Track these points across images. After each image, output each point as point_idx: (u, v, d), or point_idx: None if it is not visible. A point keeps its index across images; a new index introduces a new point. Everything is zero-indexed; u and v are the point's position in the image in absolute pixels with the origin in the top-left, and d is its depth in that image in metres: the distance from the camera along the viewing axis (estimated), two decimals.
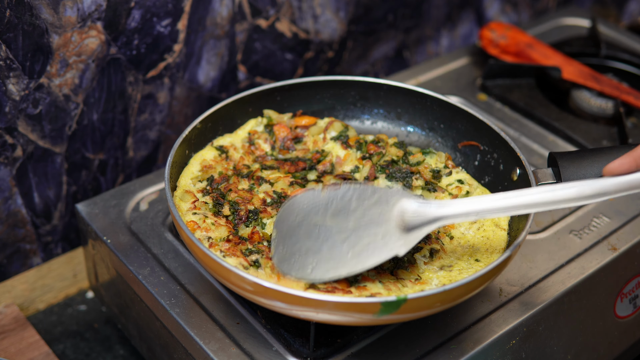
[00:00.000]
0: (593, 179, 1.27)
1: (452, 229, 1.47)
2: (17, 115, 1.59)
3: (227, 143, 1.62)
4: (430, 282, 1.37)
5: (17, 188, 1.67)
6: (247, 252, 1.38)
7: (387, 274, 1.37)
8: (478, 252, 1.42)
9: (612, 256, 1.59)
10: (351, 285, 1.32)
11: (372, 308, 1.21)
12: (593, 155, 1.41)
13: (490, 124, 1.55)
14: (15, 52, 1.53)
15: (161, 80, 1.79)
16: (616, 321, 1.64)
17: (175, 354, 1.50)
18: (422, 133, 1.68)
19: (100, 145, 1.76)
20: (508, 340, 1.45)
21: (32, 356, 1.62)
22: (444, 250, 1.43)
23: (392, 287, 1.32)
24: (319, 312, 1.23)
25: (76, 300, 1.85)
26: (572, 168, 1.41)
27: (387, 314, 1.22)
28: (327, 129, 1.64)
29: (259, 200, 1.50)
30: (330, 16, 2.02)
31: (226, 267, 1.26)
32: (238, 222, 1.45)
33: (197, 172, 1.55)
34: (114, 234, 1.61)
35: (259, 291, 1.25)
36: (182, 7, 1.73)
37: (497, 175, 1.54)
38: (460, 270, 1.39)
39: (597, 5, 2.75)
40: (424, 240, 1.42)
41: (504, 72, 2.06)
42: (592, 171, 1.39)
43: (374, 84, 1.68)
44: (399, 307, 1.21)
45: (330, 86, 1.69)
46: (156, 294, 1.49)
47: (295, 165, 1.59)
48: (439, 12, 2.27)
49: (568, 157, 1.42)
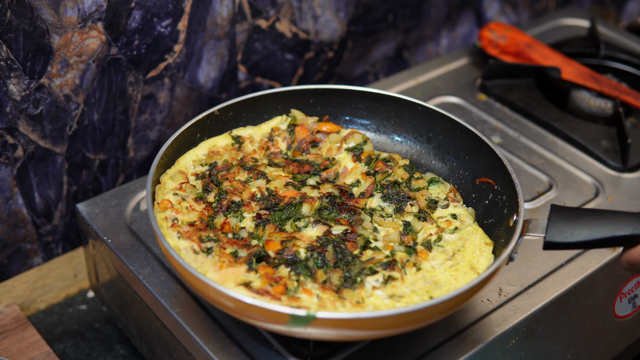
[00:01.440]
0: None
1: (424, 261, 1.40)
2: (17, 115, 1.60)
3: (246, 134, 1.62)
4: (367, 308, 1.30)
5: (17, 188, 1.68)
6: (205, 239, 1.38)
7: (331, 290, 1.32)
8: (438, 290, 1.34)
9: (611, 256, 1.59)
10: (287, 293, 1.30)
11: (282, 318, 1.21)
12: (589, 217, 1.31)
13: (505, 163, 1.46)
14: (16, 53, 1.53)
15: (161, 80, 1.79)
16: (615, 321, 1.64)
17: (175, 353, 1.50)
18: (447, 161, 1.62)
19: (101, 145, 1.77)
20: (508, 340, 1.45)
21: (32, 356, 1.62)
22: (403, 280, 1.36)
23: (327, 304, 1.28)
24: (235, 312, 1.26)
25: (77, 300, 1.85)
26: (561, 225, 1.31)
27: (297, 327, 1.21)
28: (346, 139, 1.62)
29: (249, 194, 1.51)
30: (330, 16, 2.02)
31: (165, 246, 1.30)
32: (218, 210, 1.46)
33: (202, 155, 1.56)
34: (115, 233, 1.61)
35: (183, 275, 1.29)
36: (183, 7, 1.73)
37: (500, 219, 1.46)
38: (407, 304, 1.30)
39: (597, 6, 2.75)
40: (385, 266, 1.37)
41: (504, 72, 2.06)
42: (582, 233, 1.30)
43: (410, 103, 1.63)
44: (308, 323, 1.21)
45: (367, 98, 1.66)
46: (156, 294, 1.49)
47: (300, 167, 1.59)
48: (438, 13, 2.27)
49: (563, 213, 1.33)
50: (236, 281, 1.30)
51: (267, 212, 1.47)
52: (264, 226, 1.44)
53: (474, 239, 1.44)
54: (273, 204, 1.49)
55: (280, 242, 1.40)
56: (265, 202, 1.50)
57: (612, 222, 1.29)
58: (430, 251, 1.42)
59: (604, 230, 1.29)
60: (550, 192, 1.75)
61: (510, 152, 1.86)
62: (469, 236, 1.44)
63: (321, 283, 1.34)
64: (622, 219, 1.29)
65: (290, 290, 1.31)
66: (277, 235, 1.42)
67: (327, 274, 1.35)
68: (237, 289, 1.28)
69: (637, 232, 1.27)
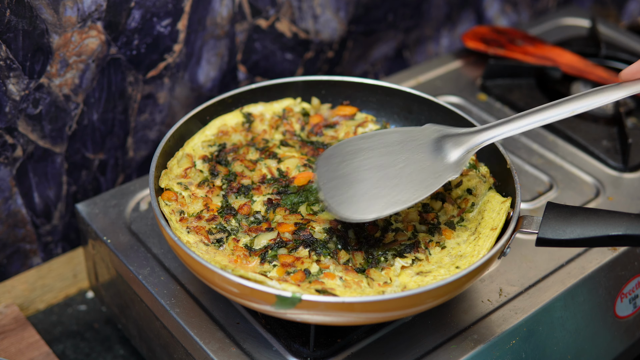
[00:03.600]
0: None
1: (448, 239, 1.42)
2: (17, 115, 1.59)
3: (256, 112, 1.61)
4: (393, 285, 1.32)
5: (17, 188, 1.67)
6: (213, 230, 1.39)
7: (354, 272, 1.33)
8: (463, 259, 1.36)
9: (612, 256, 1.59)
10: (307, 278, 1.31)
11: (269, 298, 1.23)
12: (582, 215, 1.32)
13: (508, 162, 1.47)
14: (16, 52, 1.53)
15: (161, 80, 1.79)
16: (616, 321, 1.64)
17: (175, 354, 1.50)
18: None
19: (101, 145, 1.76)
20: (508, 340, 1.45)
21: (32, 356, 1.62)
22: (428, 260, 1.38)
23: (352, 285, 1.29)
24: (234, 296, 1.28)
25: (76, 300, 1.85)
26: (554, 223, 1.32)
27: (284, 308, 1.23)
28: (362, 125, 1.63)
29: (259, 175, 1.50)
30: (330, 16, 2.02)
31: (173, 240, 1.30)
32: (229, 191, 1.46)
33: (211, 135, 1.55)
34: (114, 234, 1.61)
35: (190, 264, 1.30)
36: (182, 7, 1.73)
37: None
38: (435, 277, 1.33)
39: (597, 5, 2.75)
40: (409, 248, 1.39)
41: (504, 72, 2.06)
42: (574, 231, 1.30)
43: (418, 98, 1.64)
44: (294, 305, 1.22)
45: (377, 91, 1.67)
46: (156, 294, 1.49)
47: (315, 151, 1.58)
48: (439, 12, 2.27)
49: (558, 210, 1.33)
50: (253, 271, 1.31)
51: (278, 197, 1.47)
52: (274, 210, 1.44)
53: (490, 206, 1.45)
54: (283, 186, 1.49)
55: (294, 223, 1.41)
56: (275, 185, 1.49)
57: (606, 222, 1.29)
58: (454, 230, 1.44)
59: (596, 229, 1.29)
60: (550, 192, 1.74)
61: (511, 152, 1.85)
62: (486, 205, 1.46)
63: (343, 264, 1.35)
64: (616, 219, 1.29)
65: (312, 274, 1.32)
66: (292, 217, 1.42)
67: (350, 254, 1.37)
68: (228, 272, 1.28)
69: (630, 232, 1.27)
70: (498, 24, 2.46)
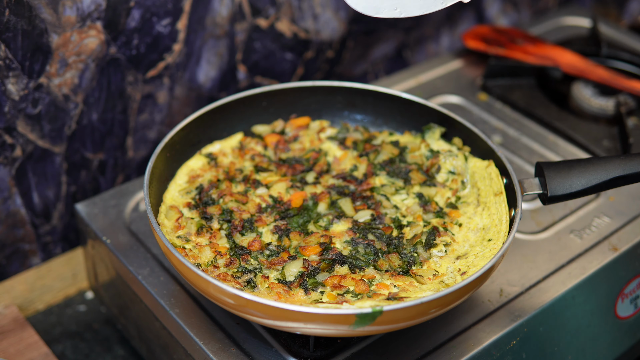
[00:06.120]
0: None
1: (459, 217, 1.47)
2: (16, 115, 1.59)
3: (216, 150, 1.59)
4: (447, 273, 1.37)
5: (16, 188, 1.67)
6: (238, 274, 1.35)
7: (400, 276, 1.36)
8: (489, 232, 1.42)
9: (613, 256, 1.59)
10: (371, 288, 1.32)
11: (347, 319, 1.20)
12: (580, 166, 1.42)
13: (479, 133, 1.53)
14: (15, 52, 1.53)
15: (161, 80, 1.78)
16: (617, 322, 1.64)
17: (175, 354, 1.49)
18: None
19: (100, 145, 1.76)
20: (508, 340, 1.45)
21: (31, 357, 1.61)
22: (455, 241, 1.43)
23: (409, 288, 1.32)
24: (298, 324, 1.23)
25: (75, 301, 1.84)
26: (559, 179, 1.41)
27: (363, 326, 1.21)
28: (323, 130, 1.65)
29: (255, 206, 1.49)
30: (330, 16, 2.01)
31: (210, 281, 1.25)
32: (233, 231, 1.43)
33: (184, 183, 1.51)
34: (114, 234, 1.61)
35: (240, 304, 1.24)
36: (182, 6, 1.73)
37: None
38: (476, 255, 1.38)
39: (598, 5, 2.75)
40: (435, 234, 1.43)
41: (505, 71, 2.06)
42: (579, 182, 1.40)
43: (360, 90, 1.66)
44: (374, 319, 1.20)
45: (316, 92, 1.67)
46: (156, 294, 1.48)
47: (293, 169, 1.58)
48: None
49: (555, 168, 1.42)
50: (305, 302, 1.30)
51: (283, 222, 1.46)
52: (287, 236, 1.43)
53: (479, 175, 1.50)
54: (283, 210, 1.48)
55: (319, 244, 1.40)
56: (275, 211, 1.48)
57: (603, 168, 1.40)
58: (457, 209, 1.48)
59: (598, 176, 1.40)
60: None
61: (511, 152, 1.85)
62: (474, 177, 1.51)
63: (384, 272, 1.36)
64: (610, 163, 1.41)
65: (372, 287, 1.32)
66: (312, 238, 1.42)
67: (387, 261, 1.38)
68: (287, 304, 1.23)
69: (628, 171, 1.39)
70: (498, 23, 2.46)
